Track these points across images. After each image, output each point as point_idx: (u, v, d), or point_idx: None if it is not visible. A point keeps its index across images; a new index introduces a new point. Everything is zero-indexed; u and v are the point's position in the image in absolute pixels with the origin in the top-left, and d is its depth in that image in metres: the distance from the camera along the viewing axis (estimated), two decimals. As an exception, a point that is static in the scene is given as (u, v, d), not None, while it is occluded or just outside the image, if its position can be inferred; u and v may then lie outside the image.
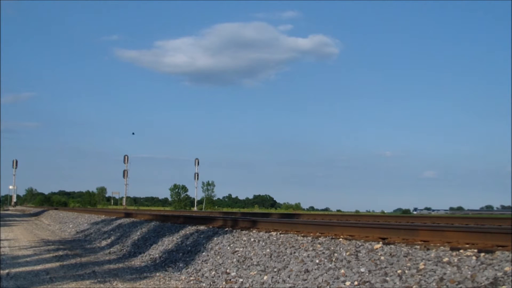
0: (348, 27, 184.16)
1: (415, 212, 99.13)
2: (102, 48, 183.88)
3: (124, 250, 10.82)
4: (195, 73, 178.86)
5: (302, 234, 7.19)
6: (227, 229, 9.00)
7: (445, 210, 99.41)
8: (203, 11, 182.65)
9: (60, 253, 10.28)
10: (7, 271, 7.55)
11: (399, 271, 4.72)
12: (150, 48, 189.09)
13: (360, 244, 5.85)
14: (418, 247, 5.19)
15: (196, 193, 70.77)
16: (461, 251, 4.74)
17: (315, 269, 5.56)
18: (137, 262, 9.01)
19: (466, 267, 4.31)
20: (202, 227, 9.92)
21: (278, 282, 5.68)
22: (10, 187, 77.60)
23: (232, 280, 6.32)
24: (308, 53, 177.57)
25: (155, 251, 9.51)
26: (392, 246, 5.47)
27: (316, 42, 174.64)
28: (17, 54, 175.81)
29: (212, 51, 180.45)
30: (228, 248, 7.66)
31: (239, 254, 7.19)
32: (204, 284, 6.52)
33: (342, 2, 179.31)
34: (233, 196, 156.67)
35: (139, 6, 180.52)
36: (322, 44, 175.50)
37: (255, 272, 6.26)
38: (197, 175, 67.66)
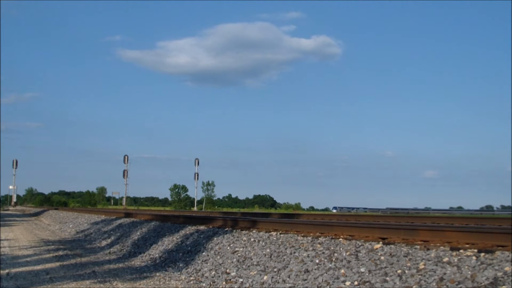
0: (351, 28, 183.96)
1: (334, 211, 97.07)
2: (105, 48, 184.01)
3: (124, 250, 10.82)
4: (197, 74, 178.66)
5: (302, 234, 7.19)
6: (227, 229, 9.00)
7: (364, 208, 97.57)
8: (206, 12, 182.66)
9: (60, 253, 10.28)
10: (7, 271, 7.55)
11: (399, 271, 4.73)
12: (152, 48, 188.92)
13: (360, 244, 5.85)
14: (418, 247, 5.19)
15: (196, 193, 70.91)
16: (461, 251, 4.74)
17: (315, 269, 5.57)
18: (137, 262, 9.01)
19: (466, 267, 4.31)
20: (202, 227, 9.92)
21: (278, 282, 5.68)
22: (10, 187, 77.70)
23: (232, 280, 6.32)
24: (311, 53, 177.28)
25: (155, 251, 9.51)
26: (392, 246, 5.47)
27: (319, 42, 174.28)
28: (19, 54, 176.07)
29: (215, 51, 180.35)
30: (228, 248, 7.66)
31: (239, 254, 7.19)
32: (204, 284, 6.53)
33: (345, 3, 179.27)
34: (233, 196, 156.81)
35: (142, 6, 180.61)
36: (325, 44, 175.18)
37: (255, 272, 6.26)
38: (197, 175, 67.70)
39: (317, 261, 5.77)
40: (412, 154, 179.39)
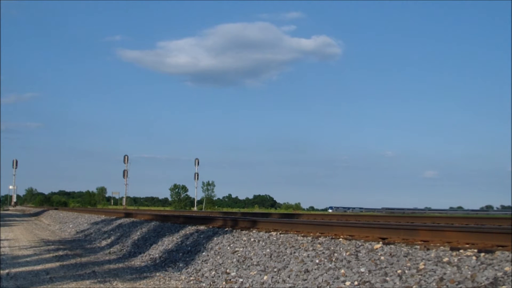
0: (351, 28, 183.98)
1: (330, 211, 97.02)
2: (105, 48, 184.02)
3: (124, 250, 10.82)
4: (197, 74, 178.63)
5: (302, 234, 7.19)
6: (227, 229, 9.00)
7: (360, 208, 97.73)
8: (206, 12, 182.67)
9: (60, 253, 10.28)
10: (7, 271, 7.55)
11: (399, 271, 4.73)
12: (153, 48, 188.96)
13: (360, 244, 5.85)
14: (418, 247, 5.19)
15: (196, 193, 70.88)
16: (461, 251, 4.74)
17: (315, 269, 5.57)
18: (137, 262, 9.01)
19: (466, 267, 4.32)
20: (202, 227, 9.92)
21: (278, 282, 5.68)
22: (10, 187, 77.70)
23: (232, 280, 6.32)
24: (311, 53, 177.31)
25: (155, 251, 9.51)
26: (392, 246, 5.47)
27: (319, 42, 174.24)
28: (19, 54, 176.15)
29: (215, 51, 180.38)
30: (228, 248, 7.67)
31: (239, 254, 7.19)
32: (204, 284, 6.53)
33: (345, 3, 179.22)
34: (233, 196, 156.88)
35: (142, 6, 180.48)
36: (325, 44, 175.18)
37: (255, 272, 6.26)
38: (197, 175, 67.69)
39: (317, 261, 5.77)
40: (412, 154, 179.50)
